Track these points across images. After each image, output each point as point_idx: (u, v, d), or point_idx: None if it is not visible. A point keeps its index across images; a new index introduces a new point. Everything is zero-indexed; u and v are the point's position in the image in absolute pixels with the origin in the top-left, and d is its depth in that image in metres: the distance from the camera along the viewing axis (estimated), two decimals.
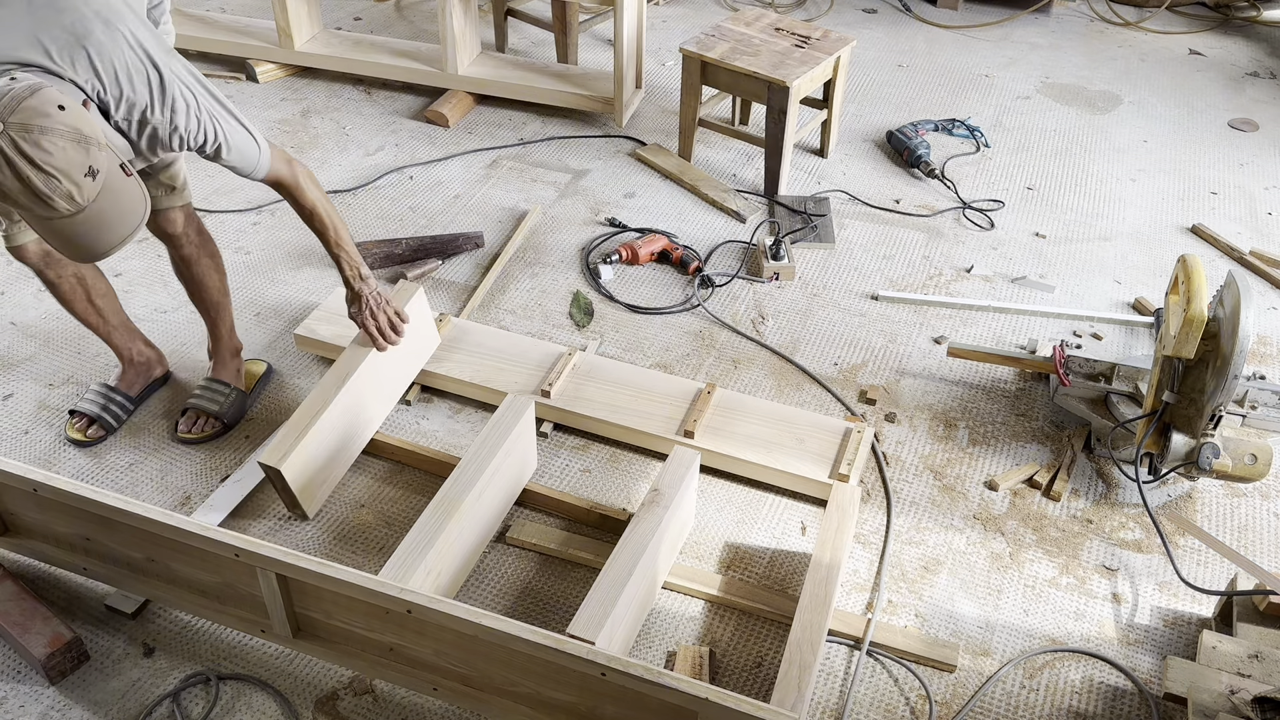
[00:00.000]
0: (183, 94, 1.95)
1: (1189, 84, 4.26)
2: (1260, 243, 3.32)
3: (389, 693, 2.02)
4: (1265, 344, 2.91)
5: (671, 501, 2.09)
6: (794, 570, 2.27)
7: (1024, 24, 4.75)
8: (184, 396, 2.64)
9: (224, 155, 2.06)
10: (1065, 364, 2.56)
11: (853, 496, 2.29)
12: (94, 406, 2.52)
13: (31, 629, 2.02)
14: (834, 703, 2.02)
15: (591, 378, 2.63)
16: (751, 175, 3.59)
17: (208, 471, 2.47)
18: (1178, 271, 2.29)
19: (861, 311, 3.00)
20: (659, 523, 2.05)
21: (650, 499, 2.10)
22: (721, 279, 3.10)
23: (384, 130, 3.80)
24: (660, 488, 2.12)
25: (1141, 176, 3.65)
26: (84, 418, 2.52)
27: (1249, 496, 2.46)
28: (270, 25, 4.06)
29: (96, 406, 2.52)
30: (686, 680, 1.64)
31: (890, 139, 3.75)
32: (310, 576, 1.82)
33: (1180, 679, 1.87)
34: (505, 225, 3.32)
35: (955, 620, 2.18)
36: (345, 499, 2.41)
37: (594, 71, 3.92)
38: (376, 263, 3.08)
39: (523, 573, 2.25)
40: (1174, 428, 2.28)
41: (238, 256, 3.14)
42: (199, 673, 2.04)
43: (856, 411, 2.66)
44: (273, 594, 1.89)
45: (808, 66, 3.29)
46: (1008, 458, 2.55)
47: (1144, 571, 2.29)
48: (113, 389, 2.56)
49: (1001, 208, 3.45)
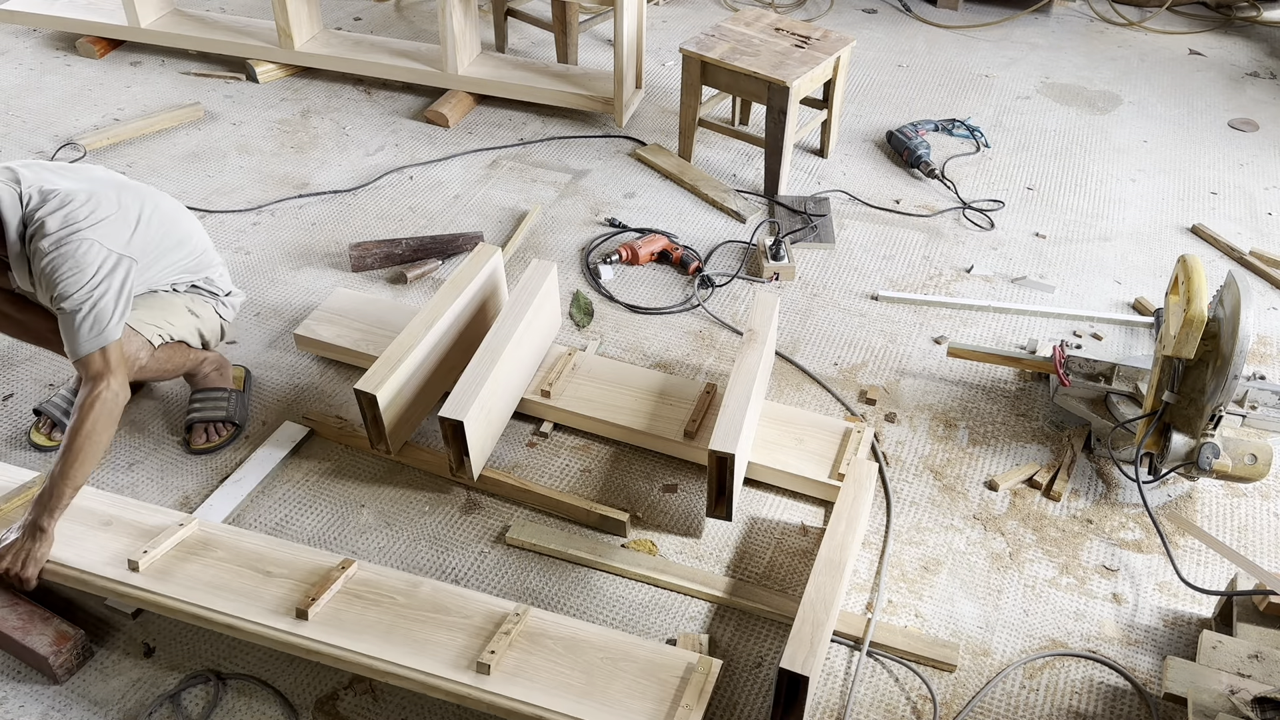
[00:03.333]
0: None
1: (1189, 84, 4.26)
2: (1260, 243, 3.31)
3: (389, 692, 2.02)
4: (1265, 344, 2.91)
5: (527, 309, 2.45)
6: (794, 570, 2.27)
7: (1024, 24, 4.75)
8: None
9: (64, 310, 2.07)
10: (1065, 364, 2.55)
11: (870, 471, 2.30)
12: (58, 410, 2.51)
13: (33, 630, 2.02)
14: (835, 703, 2.02)
15: (592, 378, 2.63)
16: (751, 175, 3.59)
17: (208, 471, 2.47)
18: (1178, 271, 2.29)
19: (861, 311, 3.00)
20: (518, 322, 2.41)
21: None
22: (721, 279, 3.10)
23: (384, 130, 3.80)
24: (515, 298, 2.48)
25: (1141, 176, 3.65)
26: (48, 420, 2.51)
27: (1249, 496, 2.46)
28: (270, 25, 4.06)
29: (59, 411, 2.51)
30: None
31: (890, 139, 3.75)
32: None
33: (1180, 679, 1.87)
34: (505, 225, 3.32)
35: (955, 620, 2.18)
36: (345, 498, 2.41)
37: (594, 71, 3.92)
38: (377, 263, 3.08)
39: (523, 573, 2.25)
40: (1174, 428, 2.28)
41: (238, 256, 3.14)
42: (199, 673, 2.04)
43: (856, 411, 2.66)
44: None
45: (808, 66, 3.29)
46: (1008, 458, 2.55)
47: (1144, 571, 2.29)
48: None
49: (1001, 208, 3.45)
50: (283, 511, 2.37)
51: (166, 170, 3.53)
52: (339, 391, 2.68)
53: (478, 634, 1.97)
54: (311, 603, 1.98)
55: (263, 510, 2.37)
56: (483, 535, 2.34)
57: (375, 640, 1.95)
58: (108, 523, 2.18)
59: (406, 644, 1.95)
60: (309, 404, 2.64)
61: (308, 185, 3.49)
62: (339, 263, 3.13)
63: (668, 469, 2.50)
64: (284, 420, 2.59)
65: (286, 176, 3.53)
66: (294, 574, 2.08)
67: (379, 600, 2.04)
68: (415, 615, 2.01)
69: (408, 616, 2.00)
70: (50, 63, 4.17)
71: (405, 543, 2.31)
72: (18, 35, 4.37)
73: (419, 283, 3.06)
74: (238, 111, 3.88)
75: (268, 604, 2.01)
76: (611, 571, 2.25)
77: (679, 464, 2.51)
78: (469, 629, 1.98)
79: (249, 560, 2.11)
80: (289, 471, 2.47)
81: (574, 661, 1.93)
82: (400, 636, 1.96)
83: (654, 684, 1.90)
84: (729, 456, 2.15)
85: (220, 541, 2.16)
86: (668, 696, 1.87)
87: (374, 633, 1.96)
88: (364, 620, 1.99)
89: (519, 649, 1.95)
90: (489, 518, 2.38)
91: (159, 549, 2.10)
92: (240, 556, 2.12)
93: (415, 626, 1.98)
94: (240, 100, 3.94)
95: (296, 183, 3.50)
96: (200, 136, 3.73)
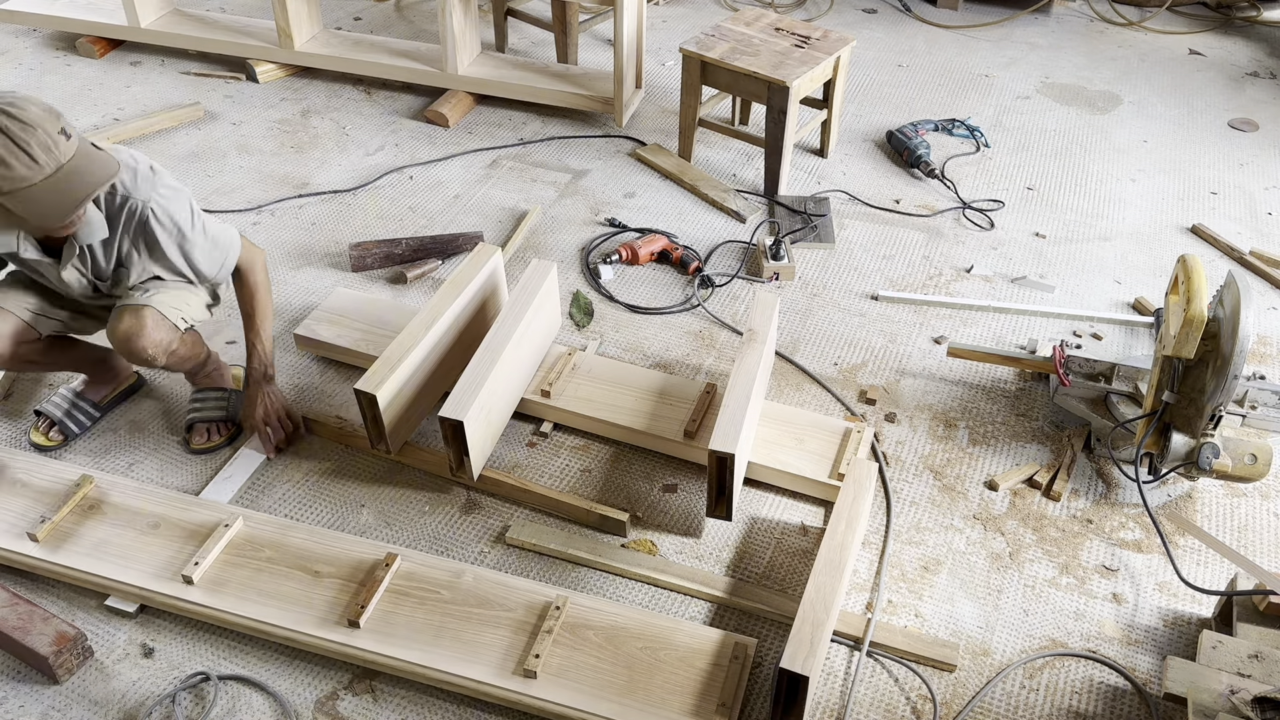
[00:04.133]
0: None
1: (1189, 84, 4.26)
2: (1260, 243, 3.31)
3: (389, 692, 2.02)
4: (1265, 344, 2.91)
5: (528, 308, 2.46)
6: (794, 570, 2.27)
7: (1024, 24, 4.75)
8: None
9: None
10: (1065, 364, 2.55)
11: (870, 471, 2.30)
12: (58, 410, 2.52)
13: (32, 630, 2.02)
14: (835, 703, 2.02)
15: (592, 378, 2.63)
16: (751, 175, 3.59)
17: (208, 471, 2.46)
18: (1178, 271, 2.29)
19: (861, 311, 3.00)
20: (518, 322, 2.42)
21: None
22: (721, 279, 3.10)
23: (384, 130, 3.80)
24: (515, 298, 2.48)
25: (1141, 176, 3.65)
26: (47, 420, 2.52)
27: (1249, 496, 2.46)
28: (270, 25, 4.06)
29: (60, 411, 2.52)
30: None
31: (890, 139, 3.75)
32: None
33: (1180, 679, 1.87)
34: (505, 225, 3.32)
35: (955, 620, 2.18)
36: (345, 498, 2.41)
37: (594, 71, 3.92)
38: (376, 263, 3.08)
39: (523, 573, 2.25)
40: (1174, 428, 2.28)
41: None
42: (199, 673, 2.04)
43: (856, 411, 2.66)
44: None
45: (808, 66, 3.29)
46: (1008, 458, 2.55)
47: (1144, 571, 2.29)
48: (80, 395, 2.55)
49: (1001, 208, 3.45)
50: (283, 511, 2.37)
51: (166, 170, 3.53)
52: (339, 391, 2.68)
53: (521, 628, 2.07)
54: (361, 610, 2.06)
55: (263, 510, 2.37)
56: (483, 535, 2.34)
57: (425, 645, 2.03)
58: (156, 525, 2.25)
59: (455, 645, 2.03)
60: (309, 404, 2.64)
61: (308, 185, 3.49)
62: (339, 263, 3.13)
63: (668, 469, 2.50)
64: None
65: (286, 176, 3.53)
66: (341, 571, 2.16)
67: (424, 598, 2.12)
68: (460, 612, 2.09)
69: (454, 614, 2.09)
70: (50, 63, 4.17)
71: (405, 543, 2.31)
72: (18, 35, 4.37)
73: (419, 283, 3.06)
74: (238, 111, 3.88)
75: (320, 611, 2.09)
76: (611, 571, 2.25)
77: (679, 464, 2.51)
78: (512, 623, 2.07)
79: (297, 559, 2.19)
80: (289, 471, 2.47)
81: (615, 655, 2.02)
82: (449, 639, 2.05)
83: (693, 673, 1.99)
84: (729, 456, 2.15)
85: (267, 540, 2.23)
86: (706, 689, 1.97)
87: (423, 636, 2.05)
88: (412, 623, 2.07)
89: (563, 645, 2.04)
90: (489, 518, 2.38)
91: (209, 556, 2.16)
92: (288, 556, 2.19)
93: (462, 626, 2.07)
94: (240, 100, 3.94)
95: (296, 182, 3.50)
96: (200, 136, 3.73)
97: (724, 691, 1.95)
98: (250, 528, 2.24)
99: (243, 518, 2.25)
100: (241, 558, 2.18)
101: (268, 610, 2.08)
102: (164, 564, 2.16)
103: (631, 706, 1.93)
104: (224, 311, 2.87)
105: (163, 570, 2.15)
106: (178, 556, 2.18)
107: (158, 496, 2.31)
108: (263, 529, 2.24)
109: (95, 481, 2.32)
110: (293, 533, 2.23)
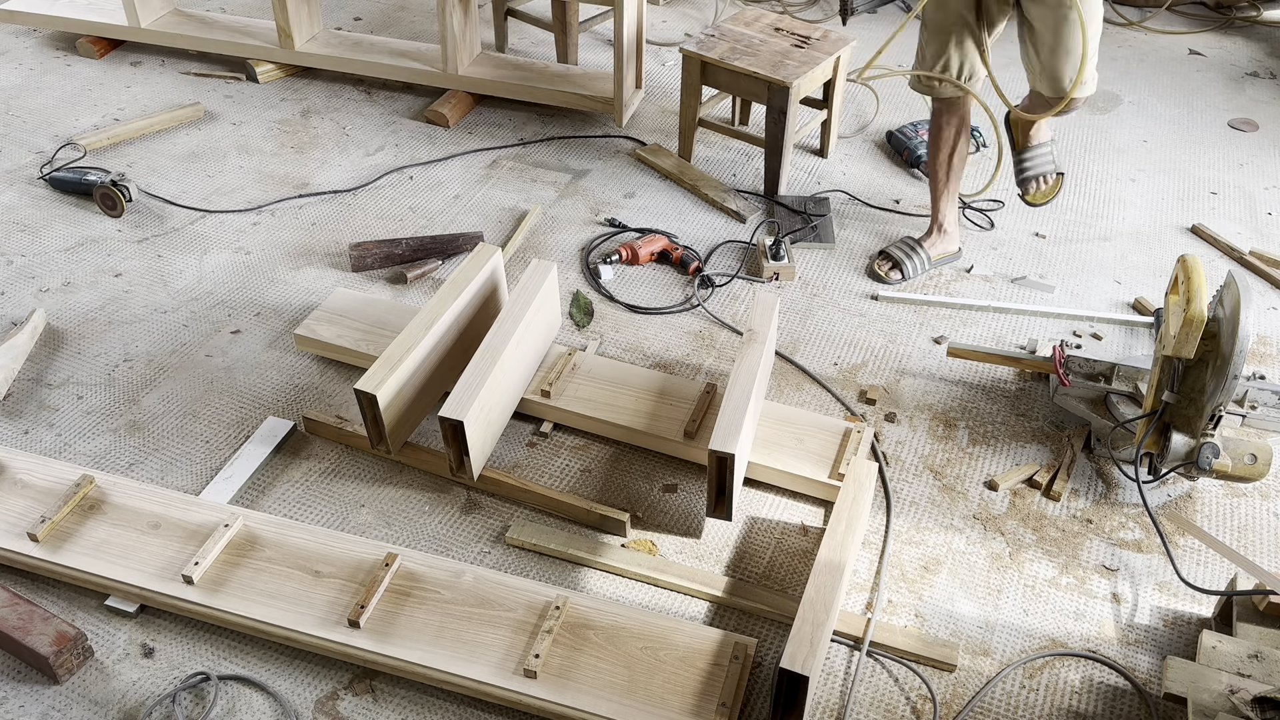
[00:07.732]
0: None
1: (1189, 84, 4.26)
2: (1260, 243, 3.32)
3: (389, 692, 2.02)
4: (1265, 344, 2.91)
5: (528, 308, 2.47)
6: (794, 570, 2.27)
7: None
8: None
9: None
10: (1065, 364, 2.56)
11: (870, 471, 2.30)
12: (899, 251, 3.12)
13: (33, 630, 2.02)
14: (835, 703, 2.02)
15: (592, 378, 2.63)
16: (751, 175, 3.59)
17: (208, 470, 2.47)
18: (1178, 271, 2.29)
19: (861, 311, 3.00)
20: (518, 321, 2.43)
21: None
22: (721, 279, 3.10)
23: (384, 130, 3.80)
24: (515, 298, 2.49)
25: (1141, 176, 3.65)
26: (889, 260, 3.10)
27: (1249, 496, 2.46)
28: (270, 25, 4.06)
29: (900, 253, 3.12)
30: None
31: (890, 139, 3.75)
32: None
33: (1180, 679, 1.87)
34: (505, 225, 3.32)
35: (955, 620, 2.18)
36: (345, 498, 2.41)
37: (594, 71, 3.92)
38: (376, 263, 3.08)
39: (523, 573, 2.25)
40: (1174, 428, 2.28)
41: (238, 256, 3.14)
42: (199, 673, 2.04)
43: (856, 411, 2.66)
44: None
45: (808, 66, 3.29)
46: (1008, 458, 2.55)
47: (1144, 571, 2.29)
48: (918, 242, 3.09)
49: (1001, 208, 3.45)
50: (283, 511, 2.37)
51: (166, 170, 3.53)
52: (339, 391, 2.69)
53: (521, 628, 2.06)
54: (361, 610, 2.06)
55: (263, 510, 2.37)
56: (483, 535, 2.34)
57: (425, 645, 2.03)
58: (156, 525, 2.24)
59: (455, 645, 2.03)
60: (309, 404, 2.64)
61: (308, 185, 3.49)
62: (339, 263, 3.13)
63: (668, 469, 2.50)
64: (267, 416, 2.59)
65: (286, 176, 3.53)
66: (341, 571, 2.16)
67: (424, 598, 2.11)
68: (460, 612, 2.09)
69: (454, 614, 2.08)
70: (50, 63, 4.17)
71: (405, 543, 2.31)
72: (18, 35, 4.37)
73: (419, 283, 3.07)
74: (238, 111, 3.88)
75: (320, 610, 2.08)
76: (611, 571, 2.25)
77: (679, 464, 2.51)
78: (513, 623, 2.07)
79: (297, 560, 2.18)
80: (289, 471, 2.47)
81: (616, 655, 2.02)
82: (449, 639, 2.04)
83: (693, 673, 1.98)
84: (729, 456, 2.15)
85: (267, 540, 2.22)
86: (706, 689, 1.96)
87: (424, 636, 2.05)
88: (412, 623, 2.07)
89: (563, 645, 2.03)
90: (489, 518, 2.38)
91: (209, 556, 2.16)
92: (288, 556, 2.19)
93: (462, 626, 2.06)
94: (240, 100, 3.94)
95: (296, 183, 3.50)
96: (200, 136, 3.73)
97: (724, 691, 1.94)
98: (250, 528, 2.24)
99: (243, 518, 2.24)
100: (241, 558, 2.18)
101: (268, 610, 2.08)
102: (164, 564, 2.16)
103: (632, 706, 1.93)
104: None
105: (163, 570, 2.15)
106: (178, 556, 2.18)
107: (158, 496, 2.31)
108: (263, 529, 2.24)
109: (95, 481, 2.32)
110: (293, 533, 2.23)
